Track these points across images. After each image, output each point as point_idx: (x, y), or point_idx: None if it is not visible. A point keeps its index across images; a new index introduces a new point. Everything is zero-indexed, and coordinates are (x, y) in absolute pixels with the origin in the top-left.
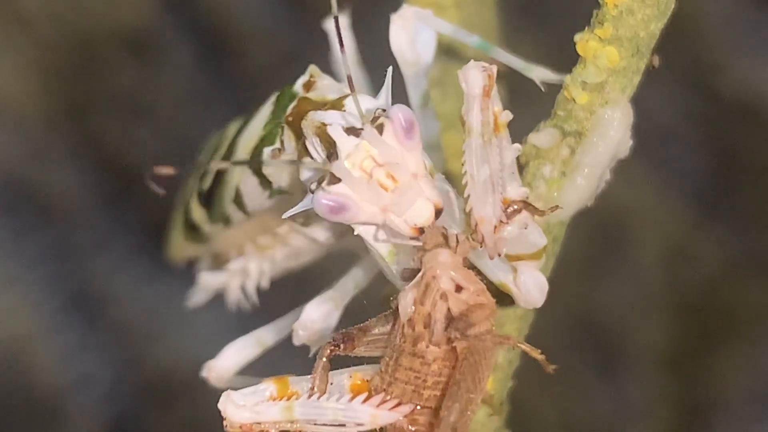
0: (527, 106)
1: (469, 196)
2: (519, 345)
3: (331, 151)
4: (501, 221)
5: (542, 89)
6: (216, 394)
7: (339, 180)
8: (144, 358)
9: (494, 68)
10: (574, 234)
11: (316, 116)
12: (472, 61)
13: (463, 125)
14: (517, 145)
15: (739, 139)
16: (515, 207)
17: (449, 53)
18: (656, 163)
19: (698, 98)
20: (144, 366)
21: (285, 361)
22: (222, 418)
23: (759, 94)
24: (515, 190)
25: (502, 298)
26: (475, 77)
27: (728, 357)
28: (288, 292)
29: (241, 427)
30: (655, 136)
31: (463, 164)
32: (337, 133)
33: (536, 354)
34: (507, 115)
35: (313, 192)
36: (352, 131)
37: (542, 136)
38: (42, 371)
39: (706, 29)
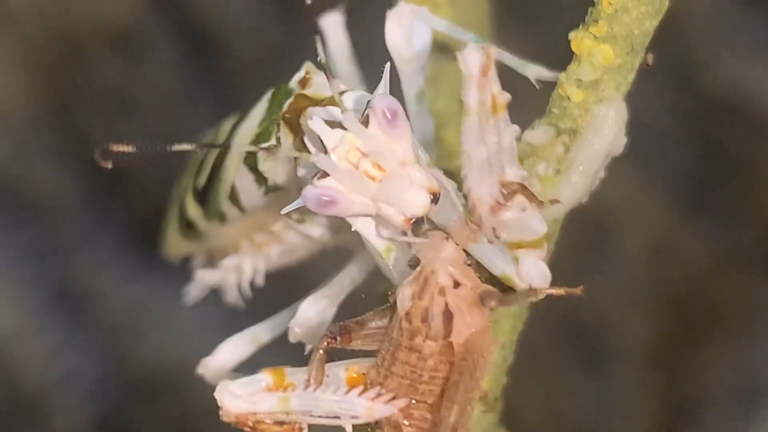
0: (522, 103)
1: (466, 176)
2: (547, 292)
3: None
4: (498, 202)
5: (537, 87)
6: (202, 391)
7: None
8: (129, 355)
9: (494, 50)
10: (561, 230)
11: (315, 112)
12: (471, 43)
13: (462, 107)
14: (515, 126)
15: (724, 137)
16: (513, 188)
17: (442, 51)
18: (641, 160)
19: (684, 96)
20: (129, 363)
21: (280, 358)
22: (217, 408)
23: (744, 92)
24: (513, 172)
25: (503, 292)
26: (473, 57)
27: (713, 353)
28: (280, 289)
29: (236, 416)
30: (640, 134)
31: (461, 144)
32: (319, 126)
33: (562, 291)
34: (505, 96)
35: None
36: (337, 124)
37: (537, 134)
38: (26, 368)
39: (692, 28)
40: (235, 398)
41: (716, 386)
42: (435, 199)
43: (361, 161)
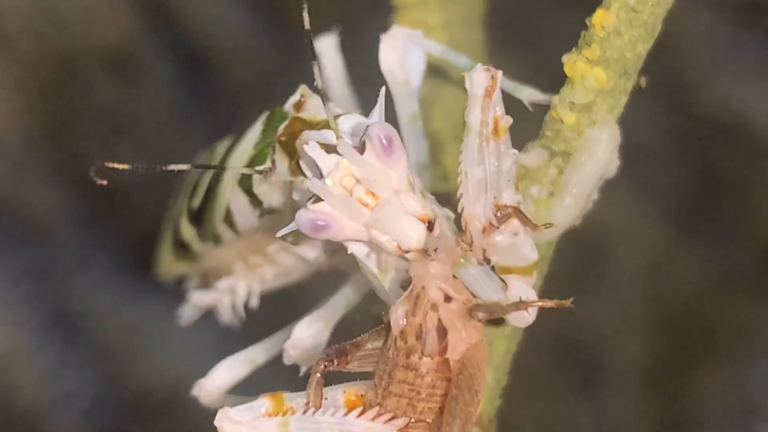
0: (515, 126)
1: (461, 195)
2: (536, 304)
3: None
4: (491, 223)
5: (530, 109)
6: (198, 412)
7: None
8: (125, 376)
9: (499, 72)
10: (555, 252)
11: (310, 136)
12: (479, 64)
13: (464, 126)
14: (514, 150)
15: (719, 158)
16: (507, 212)
17: (436, 74)
18: (636, 182)
19: (678, 117)
20: (125, 384)
21: (275, 380)
22: (212, 429)
23: (738, 113)
24: (509, 197)
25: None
26: (479, 78)
27: (709, 374)
28: (275, 310)
29: None
30: (635, 155)
31: (459, 164)
32: (315, 152)
33: (551, 303)
34: (507, 120)
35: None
36: (332, 149)
37: (530, 156)
38: (22, 389)
39: (686, 49)
40: (235, 425)
41: (712, 407)
42: (430, 226)
43: (355, 188)
